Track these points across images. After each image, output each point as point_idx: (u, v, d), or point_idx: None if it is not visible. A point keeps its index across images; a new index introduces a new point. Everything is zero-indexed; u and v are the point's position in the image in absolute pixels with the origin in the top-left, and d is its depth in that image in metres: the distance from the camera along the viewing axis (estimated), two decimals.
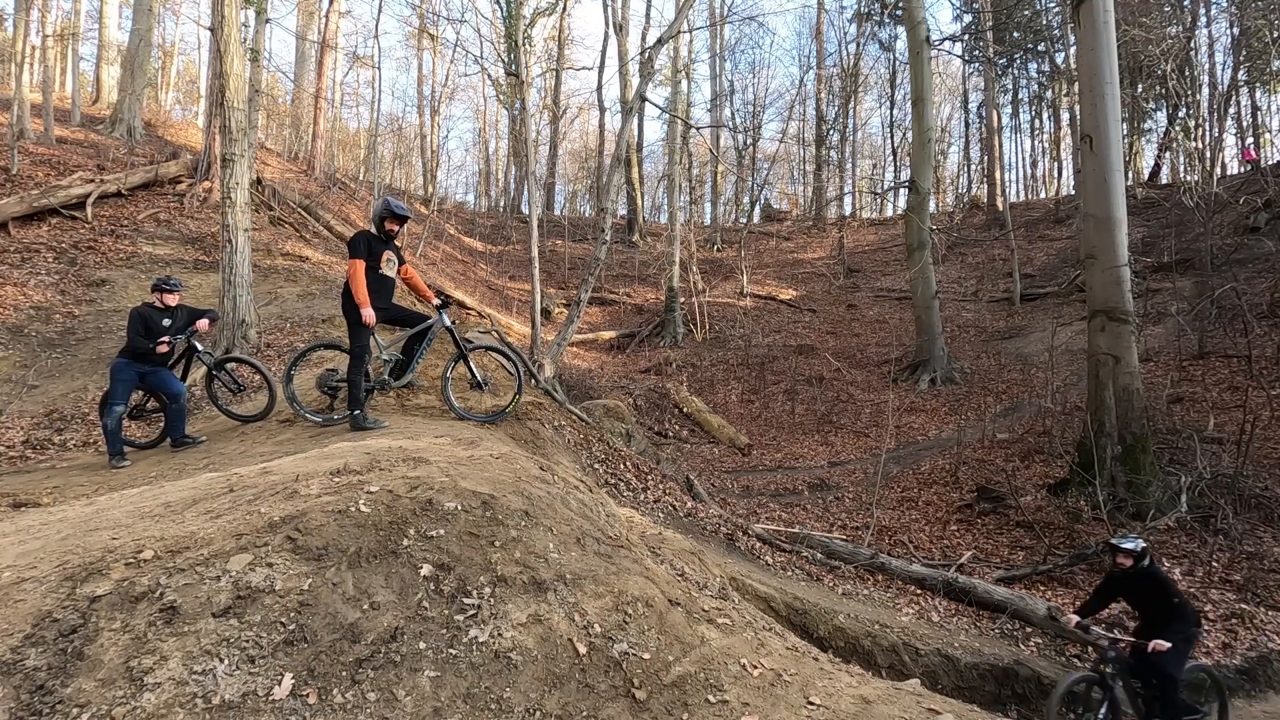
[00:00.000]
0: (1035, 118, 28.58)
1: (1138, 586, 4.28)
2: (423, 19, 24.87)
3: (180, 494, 2.69)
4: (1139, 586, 4.27)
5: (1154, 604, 4.23)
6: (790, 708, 2.06)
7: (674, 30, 10.51)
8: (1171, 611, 4.12)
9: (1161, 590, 4.19)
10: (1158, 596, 4.19)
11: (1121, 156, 8.38)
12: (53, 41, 21.69)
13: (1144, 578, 4.22)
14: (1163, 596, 4.17)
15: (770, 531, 6.97)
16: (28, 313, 9.00)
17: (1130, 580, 4.26)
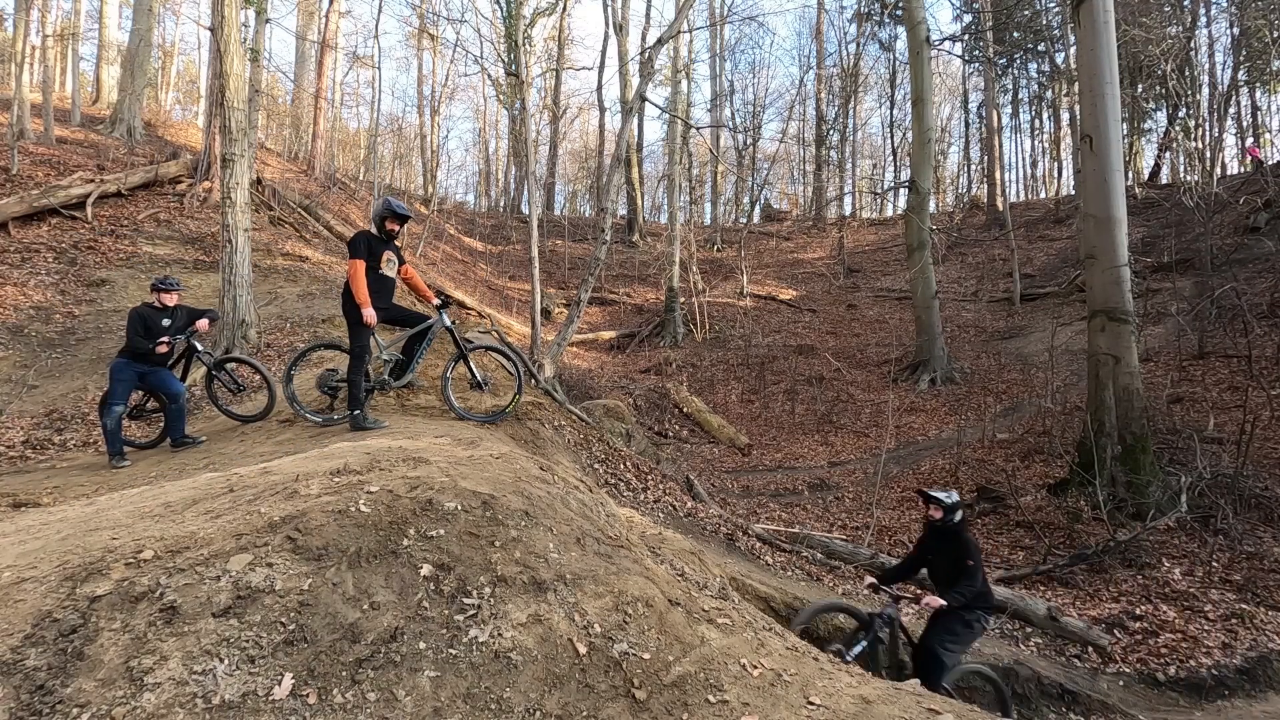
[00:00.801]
0: (1035, 118, 28.60)
1: (941, 546, 4.03)
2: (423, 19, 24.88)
3: (180, 494, 2.69)
4: (942, 546, 4.02)
5: (949, 568, 3.95)
6: (790, 708, 2.06)
7: (674, 30, 10.51)
8: (964, 575, 3.83)
9: (961, 553, 3.90)
10: (956, 560, 3.90)
11: (1121, 156, 8.38)
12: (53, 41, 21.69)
13: (950, 536, 3.98)
14: (959, 560, 3.89)
15: (770, 531, 6.97)
16: (28, 313, 9.00)
17: (936, 537, 4.04)
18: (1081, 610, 5.81)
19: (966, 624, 3.83)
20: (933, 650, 3.75)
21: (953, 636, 3.80)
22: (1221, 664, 4.92)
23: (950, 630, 3.82)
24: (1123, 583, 6.12)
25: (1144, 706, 4.66)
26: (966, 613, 3.82)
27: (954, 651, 3.78)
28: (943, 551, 4.02)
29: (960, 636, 3.81)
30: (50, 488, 4.35)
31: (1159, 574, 6.09)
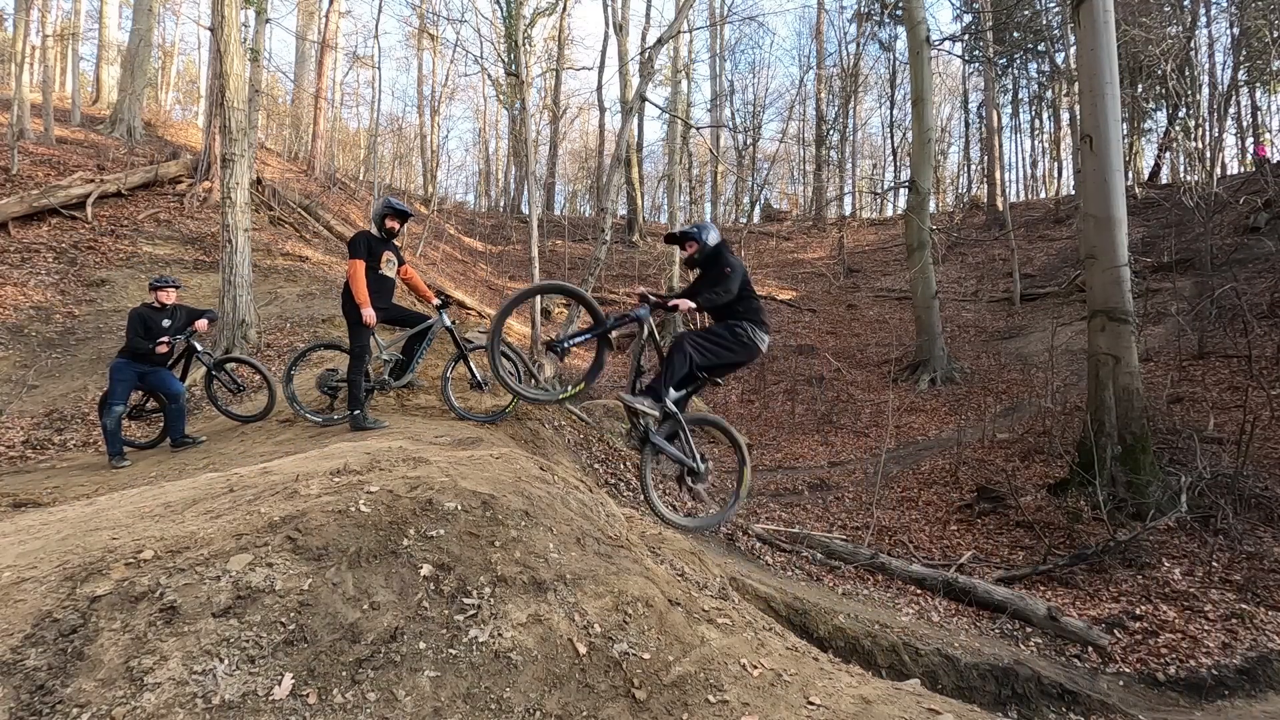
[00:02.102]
0: (1035, 118, 28.60)
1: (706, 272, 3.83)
2: (423, 19, 24.88)
3: (180, 494, 2.69)
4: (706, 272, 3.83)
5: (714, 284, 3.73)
6: (790, 708, 2.06)
7: (674, 30, 10.51)
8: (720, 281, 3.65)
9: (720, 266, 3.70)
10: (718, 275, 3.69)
11: (1121, 156, 8.38)
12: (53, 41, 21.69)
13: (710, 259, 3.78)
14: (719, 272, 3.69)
15: (770, 531, 6.97)
16: (28, 313, 9.00)
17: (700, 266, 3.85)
18: (1081, 610, 5.81)
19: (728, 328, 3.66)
20: (679, 342, 3.56)
21: (704, 336, 3.63)
22: (1221, 664, 4.92)
23: (705, 332, 3.67)
24: (1123, 583, 6.12)
25: (1144, 706, 4.66)
26: (729, 318, 3.67)
27: (702, 349, 3.58)
28: (707, 277, 3.82)
29: (713, 338, 3.63)
30: (50, 488, 4.35)
31: (1159, 574, 6.09)
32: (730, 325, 3.64)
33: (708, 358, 3.58)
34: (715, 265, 3.73)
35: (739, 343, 3.64)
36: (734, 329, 3.63)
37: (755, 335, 3.67)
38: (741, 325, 3.64)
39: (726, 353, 3.63)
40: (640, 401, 3.42)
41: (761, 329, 3.71)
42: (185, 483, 2.99)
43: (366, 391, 4.72)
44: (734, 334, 3.63)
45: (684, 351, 3.50)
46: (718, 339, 3.61)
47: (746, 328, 3.65)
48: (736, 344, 3.63)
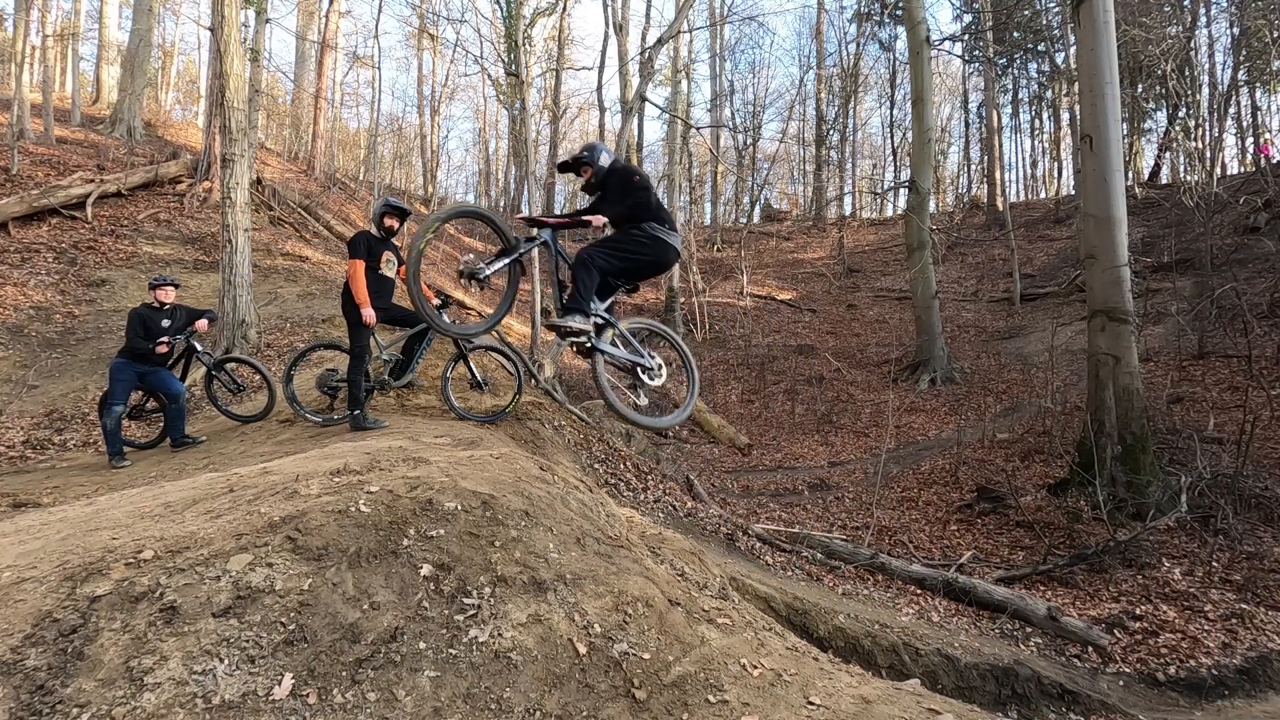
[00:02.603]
0: (1035, 118, 28.58)
1: (607, 193, 3.62)
2: (423, 19, 24.87)
3: (180, 494, 2.69)
4: (608, 193, 3.62)
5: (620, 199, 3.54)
6: (790, 708, 2.06)
7: (674, 30, 10.51)
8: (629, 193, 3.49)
9: (625, 180, 3.53)
10: (625, 189, 3.53)
11: (1121, 156, 8.38)
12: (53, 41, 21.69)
13: (610, 177, 3.58)
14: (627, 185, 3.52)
15: (770, 531, 6.97)
16: (28, 313, 9.00)
17: (601, 188, 3.62)
18: (1081, 610, 5.80)
19: (625, 234, 3.49)
20: (580, 258, 3.41)
21: (604, 245, 3.47)
22: (1221, 664, 4.92)
23: (604, 241, 3.49)
24: (1123, 583, 6.12)
25: (1144, 706, 4.66)
26: (629, 225, 3.50)
27: (606, 257, 3.42)
28: (610, 194, 3.61)
29: (614, 244, 3.47)
30: (50, 488, 4.35)
31: (1159, 574, 6.09)
32: (628, 230, 3.49)
33: (614, 263, 3.44)
34: (618, 180, 3.55)
35: (641, 244, 3.47)
36: (630, 232, 3.48)
37: (660, 233, 3.51)
38: (639, 227, 3.48)
39: (633, 256, 3.48)
40: (569, 320, 3.33)
41: (666, 227, 3.54)
42: (185, 483, 2.99)
43: (366, 391, 4.72)
44: (632, 238, 3.48)
45: (587, 265, 3.37)
46: (618, 244, 3.47)
47: (646, 228, 3.48)
48: (639, 246, 3.48)
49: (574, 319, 3.33)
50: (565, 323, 3.32)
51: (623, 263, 3.46)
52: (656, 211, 3.55)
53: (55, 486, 4.38)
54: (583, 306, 3.36)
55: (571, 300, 3.37)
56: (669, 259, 3.61)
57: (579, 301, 3.35)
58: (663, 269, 3.70)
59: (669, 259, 3.61)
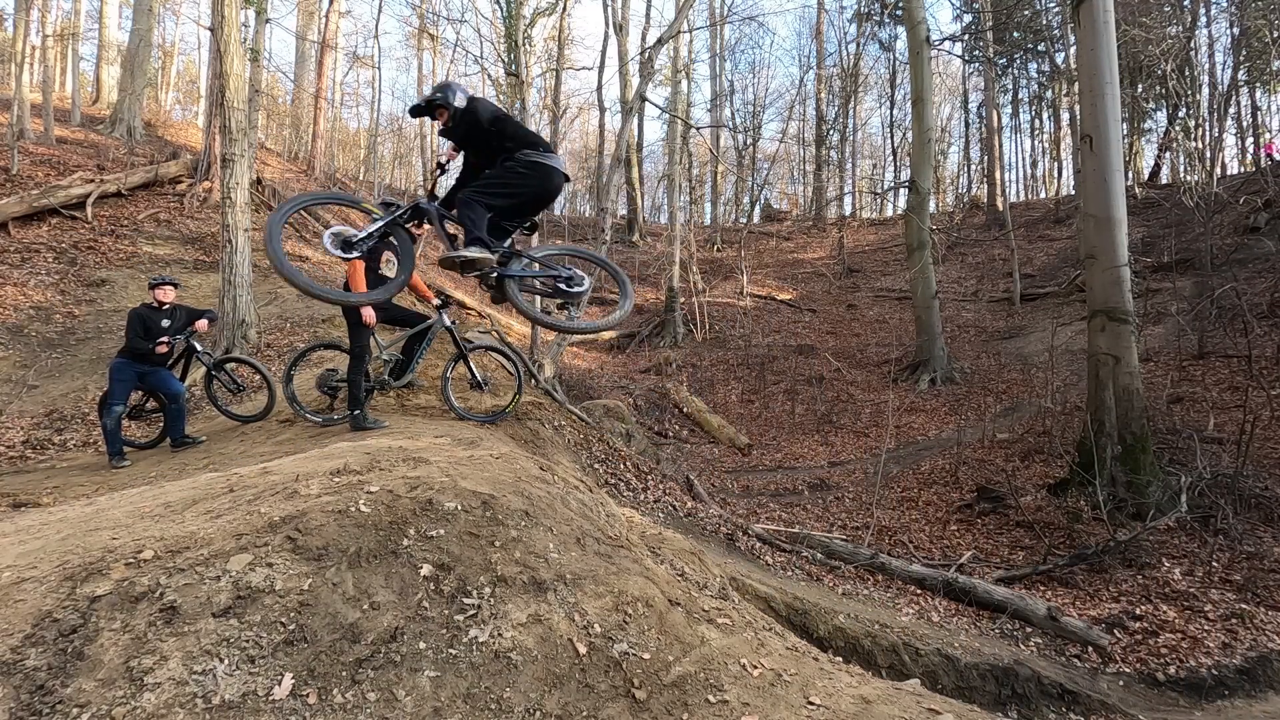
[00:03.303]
0: (1035, 118, 28.58)
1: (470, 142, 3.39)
2: (423, 19, 24.88)
3: (180, 494, 2.69)
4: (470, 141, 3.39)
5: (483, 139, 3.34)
6: (790, 708, 2.06)
7: (674, 30, 10.51)
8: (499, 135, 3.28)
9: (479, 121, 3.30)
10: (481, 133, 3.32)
11: (1121, 156, 8.38)
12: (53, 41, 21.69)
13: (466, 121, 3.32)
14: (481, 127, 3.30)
15: (770, 531, 6.97)
16: (28, 313, 9.00)
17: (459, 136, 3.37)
18: (1081, 610, 5.81)
19: (501, 167, 3.29)
20: (463, 202, 3.25)
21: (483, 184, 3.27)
22: (1221, 664, 4.92)
23: (482, 181, 3.29)
24: (1123, 583, 6.12)
25: (1144, 706, 4.66)
26: (502, 160, 3.30)
27: (489, 194, 3.24)
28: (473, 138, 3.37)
29: (492, 181, 3.27)
30: (50, 488, 4.35)
31: (1159, 574, 6.09)
32: (502, 163, 3.29)
33: (498, 200, 3.26)
34: (478, 118, 3.30)
35: (520, 173, 3.27)
36: (505, 164, 3.28)
37: (536, 158, 3.29)
38: (513, 158, 3.28)
39: (516, 188, 3.28)
40: (467, 250, 3.16)
41: (541, 150, 3.33)
42: (185, 483, 2.99)
43: (366, 391, 4.72)
44: (508, 169, 3.27)
45: (469, 202, 3.21)
46: (497, 179, 3.27)
47: (520, 157, 3.28)
48: (519, 177, 3.27)
49: (474, 249, 3.17)
50: (461, 253, 3.17)
51: (507, 198, 3.28)
52: (527, 137, 3.36)
53: (55, 486, 4.39)
54: (478, 237, 3.19)
55: (465, 237, 3.22)
56: (555, 183, 3.38)
57: (472, 234, 3.19)
58: (551, 196, 3.46)
59: (555, 183, 3.38)
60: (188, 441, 5.28)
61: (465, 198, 3.24)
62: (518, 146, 3.29)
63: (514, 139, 3.32)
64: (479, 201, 3.23)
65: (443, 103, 3.29)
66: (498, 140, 3.30)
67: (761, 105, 31.13)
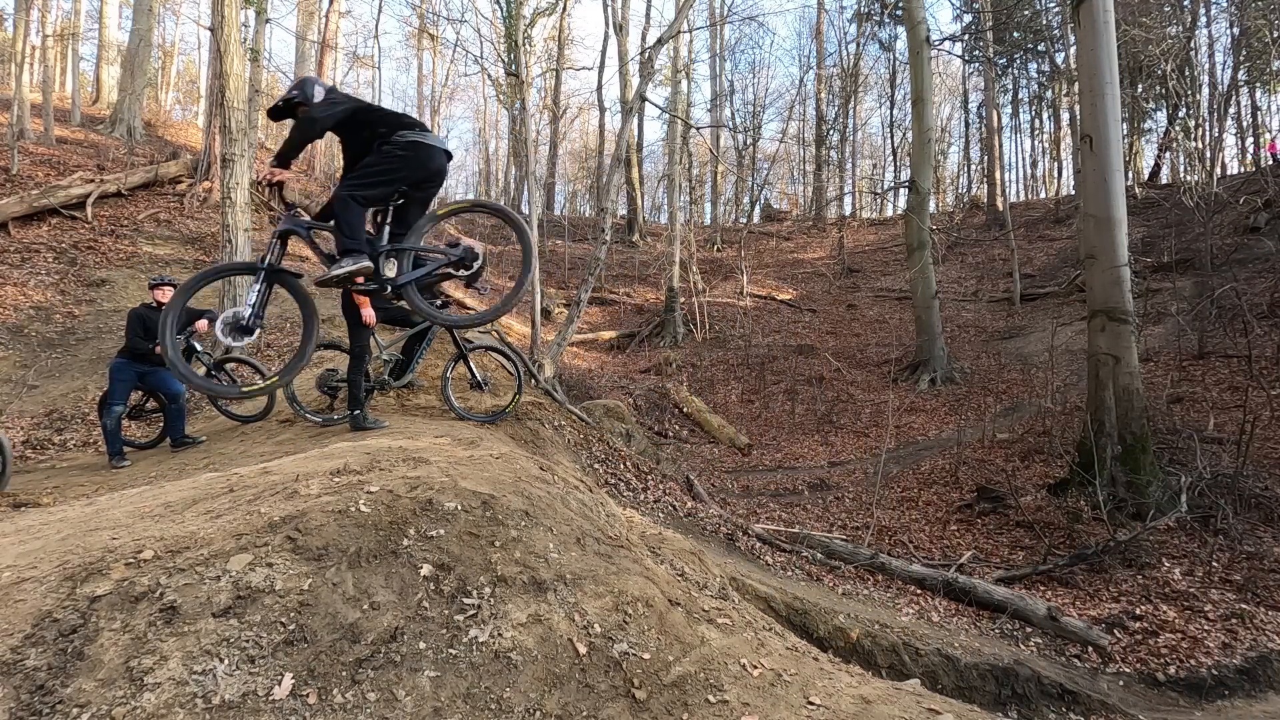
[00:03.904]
0: (1035, 118, 28.62)
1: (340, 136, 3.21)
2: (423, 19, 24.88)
3: (180, 494, 2.69)
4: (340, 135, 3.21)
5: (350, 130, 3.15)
6: (790, 708, 2.06)
7: (674, 30, 10.51)
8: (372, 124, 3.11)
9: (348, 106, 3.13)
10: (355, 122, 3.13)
11: (1121, 156, 8.38)
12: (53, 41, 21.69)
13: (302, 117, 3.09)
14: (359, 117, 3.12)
15: (770, 531, 6.97)
16: (28, 313, 9.00)
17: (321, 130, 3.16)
18: (1081, 610, 5.81)
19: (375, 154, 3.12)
20: (339, 201, 3.06)
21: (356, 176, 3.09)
22: (1221, 664, 4.92)
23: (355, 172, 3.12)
24: (1123, 583, 6.12)
25: (1144, 706, 4.66)
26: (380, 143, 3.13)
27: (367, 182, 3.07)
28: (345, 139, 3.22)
29: (367, 171, 3.08)
30: (50, 488, 4.35)
31: (1159, 574, 6.09)
32: (377, 149, 3.12)
33: (377, 189, 3.09)
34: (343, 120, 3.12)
35: (396, 155, 3.09)
36: (380, 149, 3.11)
37: (412, 137, 3.12)
38: (389, 141, 3.10)
39: (394, 173, 3.10)
40: (341, 266, 2.97)
41: (416, 130, 3.16)
42: (185, 483, 2.99)
43: (366, 391, 4.72)
44: (383, 154, 3.09)
45: (346, 201, 3.04)
46: (372, 167, 3.09)
47: (397, 139, 3.10)
48: (395, 160, 3.09)
49: (344, 262, 3.00)
50: (332, 273, 2.98)
51: (386, 184, 3.10)
52: (400, 119, 3.19)
53: (55, 486, 4.38)
54: (354, 247, 3.02)
55: (340, 249, 3.05)
56: (437, 162, 3.20)
57: (348, 243, 3.02)
58: (435, 177, 3.26)
59: (437, 162, 3.20)
60: (188, 441, 5.28)
61: (340, 195, 3.06)
62: (392, 130, 3.12)
63: (386, 123, 3.15)
64: (354, 197, 3.05)
65: (301, 99, 3.14)
66: (369, 128, 3.13)
67: (761, 105, 31.17)
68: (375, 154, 3.11)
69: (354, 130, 3.15)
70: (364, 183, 3.07)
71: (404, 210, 3.25)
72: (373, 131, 3.13)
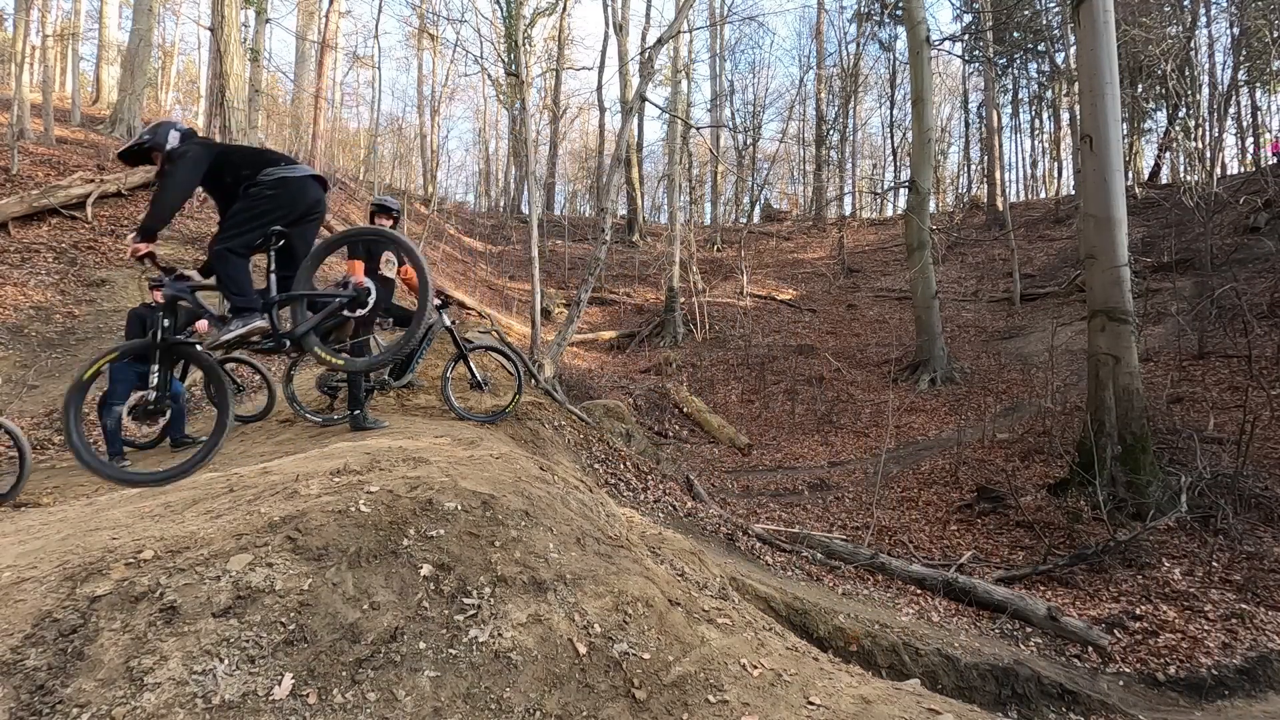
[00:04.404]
0: (1035, 118, 28.61)
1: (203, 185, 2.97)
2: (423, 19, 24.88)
3: (180, 494, 2.69)
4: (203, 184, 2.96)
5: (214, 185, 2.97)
6: (790, 708, 2.06)
7: (674, 30, 10.51)
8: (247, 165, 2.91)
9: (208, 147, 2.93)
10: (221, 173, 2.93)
11: (1121, 156, 8.38)
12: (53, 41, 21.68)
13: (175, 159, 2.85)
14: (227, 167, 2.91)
15: (770, 531, 6.97)
16: (28, 313, 9.00)
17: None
18: (1081, 610, 5.80)
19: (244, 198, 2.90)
20: (213, 255, 2.88)
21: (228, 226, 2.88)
22: (1221, 664, 4.92)
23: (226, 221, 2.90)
24: (1123, 583, 6.12)
25: (1144, 706, 4.66)
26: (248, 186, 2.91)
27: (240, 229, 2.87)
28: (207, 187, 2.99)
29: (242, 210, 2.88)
30: (50, 488, 4.35)
31: (1159, 574, 6.09)
32: (244, 192, 2.91)
33: (254, 232, 2.89)
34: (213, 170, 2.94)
35: (266, 195, 2.89)
36: (247, 193, 2.90)
37: (280, 173, 2.93)
38: (256, 183, 2.90)
39: (268, 214, 2.89)
40: (230, 329, 2.81)
41: (283, 165, 2.98)
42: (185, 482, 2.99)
43: (366, 391, 4.73)
44: (251, 196, 2.89)
45: (223, 255, 2.83)
46: (243, 213, 2.89)
47: (261, 179, 2.90)
48: (266, 200, 2.89)
49: (234, 324, 2.83)
50: (224, 336, 2.82)
51: (261, 228, 2.90)
52: (262, 157, 3.02)
53: (55, 486, 4.39)
54: (244, 304, 2.84)
55: (230, 308, 2.88)
56: (311, 194, 3.01)
57: (238, 301, 2.85)
58: (312, 209, 3.04)
59: (311, 194, 3.01)
60: (187, 441, 5.28)
61: (216, 251, 2.84)
62: (255, 170, 2.92)
63: (249, 164, 2.95)
64: (231, 249, 2.84)
65: (153, 144, 2.94)
66: (232, 172, 2.93)
67: (761, 105, 31.17)
68: (243, 199, 2.91)
69: (216, 178, 2.95)
70: (237, 232, 2.87)
71: (289, 253, 3.02)
72: (236, 175, 2.93)
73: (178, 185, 2.84)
